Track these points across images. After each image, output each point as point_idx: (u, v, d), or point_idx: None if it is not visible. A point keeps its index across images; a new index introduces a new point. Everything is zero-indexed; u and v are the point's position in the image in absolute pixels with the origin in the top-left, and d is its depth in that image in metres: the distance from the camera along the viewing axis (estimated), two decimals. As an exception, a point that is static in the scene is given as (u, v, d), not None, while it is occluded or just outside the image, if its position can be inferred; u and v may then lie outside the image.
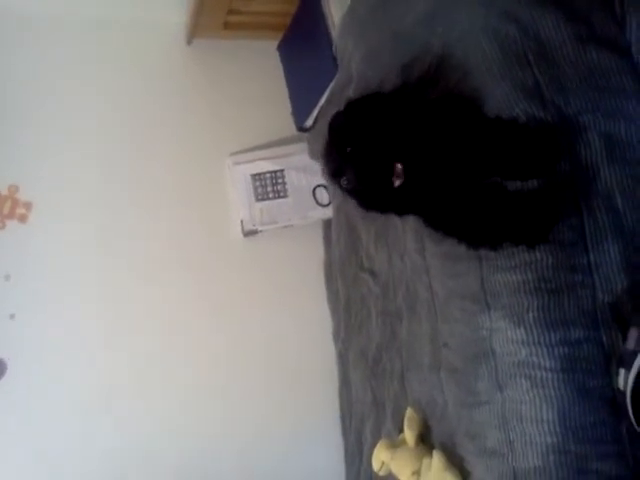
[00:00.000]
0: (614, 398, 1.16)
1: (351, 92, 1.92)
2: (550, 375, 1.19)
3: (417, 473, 1.56)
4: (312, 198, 2.51)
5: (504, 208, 1.24)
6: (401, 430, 1.70)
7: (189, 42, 2.57)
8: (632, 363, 1.09)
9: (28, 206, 2.27)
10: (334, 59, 2.11)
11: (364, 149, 1.31)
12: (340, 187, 1.39)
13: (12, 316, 2.18)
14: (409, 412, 1.68)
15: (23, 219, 2.26)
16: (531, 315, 1.21)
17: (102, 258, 2.32)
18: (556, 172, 1.22)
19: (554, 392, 1.18)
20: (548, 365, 1.19)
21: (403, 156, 1.29)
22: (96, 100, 2.41)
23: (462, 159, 1.28)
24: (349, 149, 1.32)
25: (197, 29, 2.48)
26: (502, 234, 1.25)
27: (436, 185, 1.31)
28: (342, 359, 2.33)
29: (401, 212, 1.51)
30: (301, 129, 2.47)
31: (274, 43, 2.59)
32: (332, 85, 2.15)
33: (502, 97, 1.29)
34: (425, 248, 1.59)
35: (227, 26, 2.51)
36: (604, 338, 1.18)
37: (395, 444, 1.68)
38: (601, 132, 1.22)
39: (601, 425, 1.17)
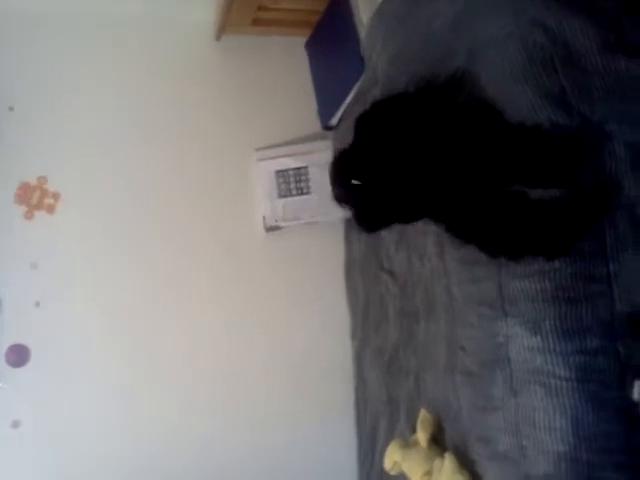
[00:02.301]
0: (629, 409, 1.16)
1: (377, 93, 1.93)
2: (565, 384, 1.19)
3: (429, 474, 1.57)
4: (335, 196, 2.51)
5: (525, 218, 1.24)
6: (414, 430, 1.70)
7: (218, 38, 2.59)
8: (648, 375, 1.09)
9: (56, 197, 2.32)
10: (361, 59, 2.12)
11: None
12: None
13: (37, 304, 2.24)
14: (422, 413, 1.69)
15: (51, 209, 2.32)
16: (548, 323, 1.21)
17: (126, 249, 2.37)
18: (579, 181, 1.22)
19: (568, 401, 1.18)
20: (563, 374, 1.19)
21: (426, 161, 1.30)
22: (124, 93, 2.45)
23: (485, 165, 1.28)
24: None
25: (226, 25, 2.50)
26: (522, 245, 1.25)
27: (458, 191, 1.32)
28: (359, 357, 2.34)
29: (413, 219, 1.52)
30: (326, 127, 2.49)
31: (302, 40, 2.60)
32: (358, 85, 2.16)
33: (527, 103, 1.28)
34: (445, 251, 1.59)
35: (256, 22, 2.52)
36: (620, 349, 1.17)
37: (408, 444, 1.69)
38: (626, 142, 1.21)
39: (614, 436, 1.17)
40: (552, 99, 1.26)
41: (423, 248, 1.74)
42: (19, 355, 2.19)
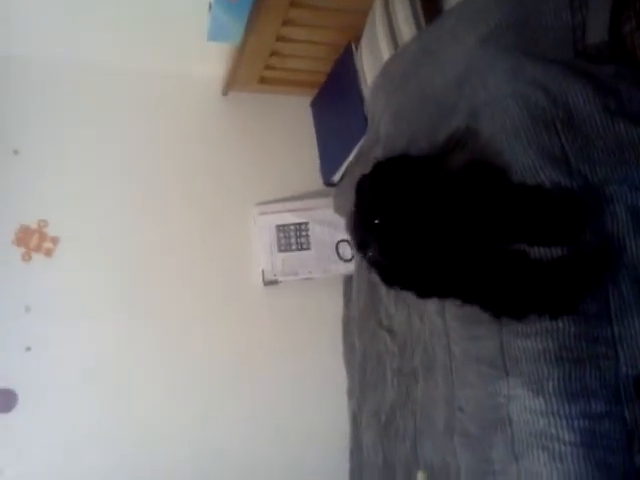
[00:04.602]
0: (636, 477, 1.11)
1: (379, 151, 1.95)
2: (569, 449, 1.15)
3: (425, 542, 1.50)
4: (335, 252, 2.51)
5: (527, 277, 1.23)
6: (411, 496, 1.64)
7: (225, 93, 2.64)
8: (655, 442, 1.06)
9: (55, 241, 2.32)
10: (364, 118, 2.16)
11: (391, 222, 1.32)
12: (366, 259, 1.42)
13: (28, 348, 2.20)
14: (420, 477, 1.63)
15: (49, 253, 2.31)
16: (551, 384, 1.18)
17: (123, 298, 2.35)
18: (581, 241, 1.21)
19: (572, 467, 1.14)
20: (567, 438, 1.15)
21: (428, 227, 1.30)
22: (129, 143, 2.48)
23: (487, 224, 1.28)
24: (377, 221, 1.34)
25: (234, 82, 2.56)
26: (526, 303, 1.23)
27: (461, 253, 1.31)
28: (355, 418, 2.27)
29: (424, 294, 1.50)
30: (328, 184, 2.51)
31: (307, 99, 2.65)
32: (361, 143, 2.18)
33: (528, 163, 1.29)
34: (445, 310, 1.57)
35: (263, 80, 2.58)
36: (627, 413, 1.14)
37: (404, 510, 1.63)
38: (628, 204, 1.21)
39: (620, 505, 1.12)
40: (553, 159, 1.27)
41: (423, 306, 1.72)
42: (6, 400, 2.14)
